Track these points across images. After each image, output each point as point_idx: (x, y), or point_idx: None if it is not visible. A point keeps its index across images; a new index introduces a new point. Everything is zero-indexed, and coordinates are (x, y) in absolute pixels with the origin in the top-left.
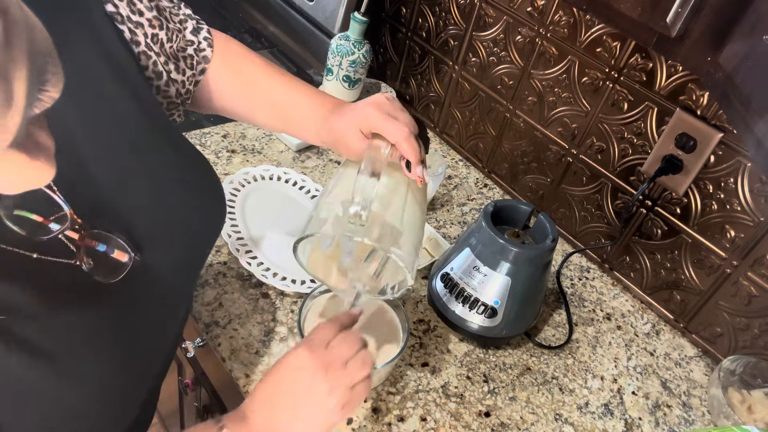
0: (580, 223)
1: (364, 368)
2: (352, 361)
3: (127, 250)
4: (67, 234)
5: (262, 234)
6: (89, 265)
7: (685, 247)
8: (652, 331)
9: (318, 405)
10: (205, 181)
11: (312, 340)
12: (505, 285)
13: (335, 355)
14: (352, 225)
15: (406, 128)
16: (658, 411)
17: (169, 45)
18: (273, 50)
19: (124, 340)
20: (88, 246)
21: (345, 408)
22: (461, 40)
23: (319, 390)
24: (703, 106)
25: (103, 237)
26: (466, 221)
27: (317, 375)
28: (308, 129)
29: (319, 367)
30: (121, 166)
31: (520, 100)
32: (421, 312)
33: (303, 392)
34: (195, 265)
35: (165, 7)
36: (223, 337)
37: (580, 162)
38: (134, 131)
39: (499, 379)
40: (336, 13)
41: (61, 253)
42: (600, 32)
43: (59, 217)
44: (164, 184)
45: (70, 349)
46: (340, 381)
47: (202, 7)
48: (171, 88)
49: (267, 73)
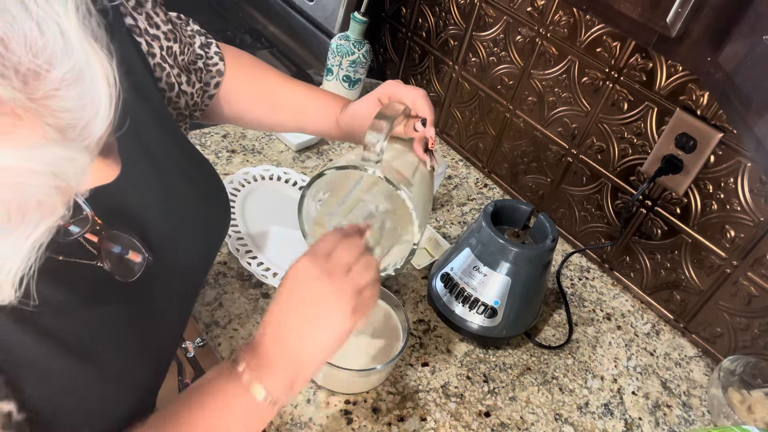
0: (580, 223)
1: (368, 271)
2: (356, 266)
3: (141, 250)
4: (87, 237)
5: (262, 234)
6: (108, 265)
7: (685, 247)
8: (652, 331)
9: (327, 311)
10: (213, 189)
11: (313, 251)
12: (505, 285)
13: (337, 262)
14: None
15: (422, 90)
16: (658, 411)
17: (182, 57)
18: (273, 50)
19: (142, 334)
20: (106, 249)
21: (356, 313)
22: (461, 40)
23: (326, 296)
24: (703, 106)
25: (118, 238)
26: (466, 221)
27: (322, 282)
28: (328, 120)
29: (322, 274)
30: (135, 171)
31: (520, 100)
32: (421, 312)
33: (311, 300)
34: (202, 268)
35: (177, 22)
36: (223, 337)
37: (580, 162)
38: (148, 138)
39: (499, 379)
40: (336, 13)
41: (82, 254)
42: (600, 32)
43: (80, 220)
44: (175, 190)
45: (94, 342)
46: (345, 285)
47: (202, 8)
48: (181, 100)
49: (280, 76)
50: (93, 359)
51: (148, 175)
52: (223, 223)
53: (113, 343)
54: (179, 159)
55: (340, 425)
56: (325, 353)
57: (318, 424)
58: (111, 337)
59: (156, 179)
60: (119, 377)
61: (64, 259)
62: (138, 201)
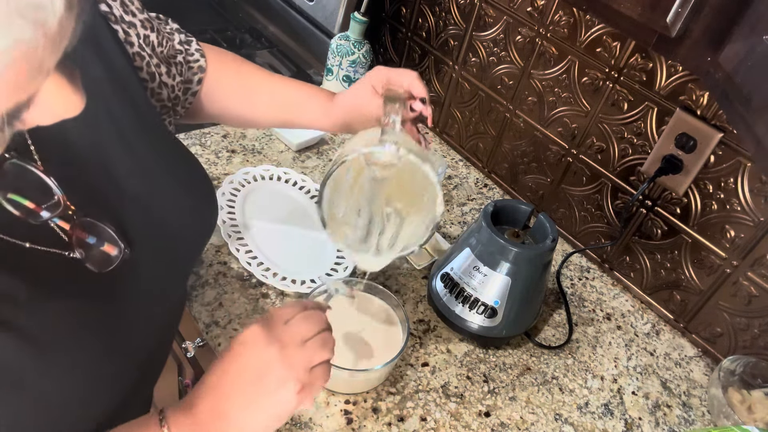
0: (580, 223)
1: (324, 349)
2: (312, 340)
3: (116, 242)
4: (59, 224)
5: (262, 234)
6: (81, 254)
7: (685, 247)
8: (652, 331)
9: (270, 386)
10: (197, 182)
11: (269, 316)
12: (505, 285)
13: (292, 332)
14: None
15: (413, 71)
16: (658, 411)
17: (160, 49)
18: (273, 50)
19: (111, 329)
20: (79, 237)
21: (302, 392)
22: (461, 40)
23: (272, 367)
24: (703, 106)
25: (93, 228)
26: (466, 221)
27: (269, 350)
28: (316, 113)
29: (272, 341)
30: (113, 160)
31: (520, 100)
32: (421, 312)
33: (253, 371)
34: (186, 262)
35: (154, 17)
36: (223, 337)
37: (580, 162)
38: (127, 128)
39: (499, 379)
40: (336, 13)
41: (53, 243)
42: (600, 32)
43: (51, 205)
44: (156, 181)
45: (56, 337)
46: (294, 359)
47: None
48: (163, 91)
49: (264, 72)
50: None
51: (126, 166)
52: (208, 218)
53: (81, 339)
54: (161, 151)
55: (340, 425)
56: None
57: (318, 424)
58: (79, 333)
59: (136, 170)
60: (88, 376)
61: (31, 246)
62: (115, 191)
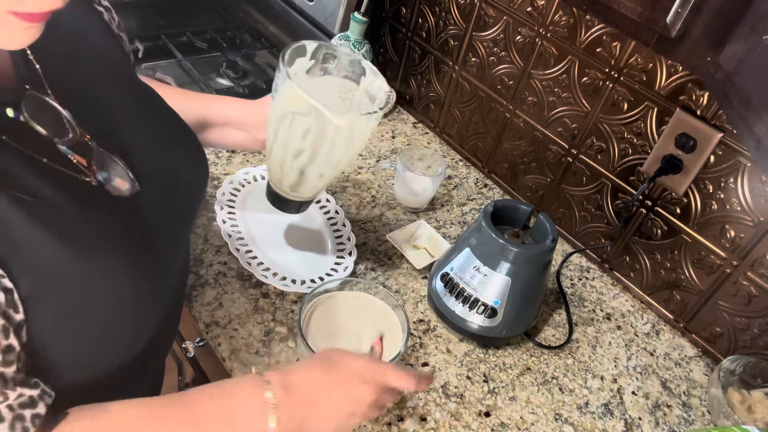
0: (580, 223)
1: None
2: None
3: (128, 178)
4: (76, 159)
5: (262, 234)
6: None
7: (685, 247)
8: (652, 331)
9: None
10: (187, 137)
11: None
12: (505, 285)
13: (385, 399)
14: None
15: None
16: (658, 411)
17: None
18: (273, 50)
19: (142, 245)
20: (94, 169)
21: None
22: (461, 40)
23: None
24: (703, 106)
25: (106, 162)
26: (466, 221)
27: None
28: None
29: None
30: (114, 106)
31: (520, 100)
32: (421, 312)
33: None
34: (187, 213)
35: None
36: (223, 337)
37: (580, 162)
38: (123, 80)
39: (499, 379)
40: (336, 13)
41: (71, 167)
42: (600, 32)
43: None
44: (153, 130)
45: (99, 242)
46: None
47: (202, 7)
48: None
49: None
50: (102, 257)
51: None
52: (202, 172)
53: (119, 247)
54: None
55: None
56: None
57: None
58: (116, 242)
59: (135, 117)
60: (134, 284)
61: (50, 163)
62: (119, 133)
